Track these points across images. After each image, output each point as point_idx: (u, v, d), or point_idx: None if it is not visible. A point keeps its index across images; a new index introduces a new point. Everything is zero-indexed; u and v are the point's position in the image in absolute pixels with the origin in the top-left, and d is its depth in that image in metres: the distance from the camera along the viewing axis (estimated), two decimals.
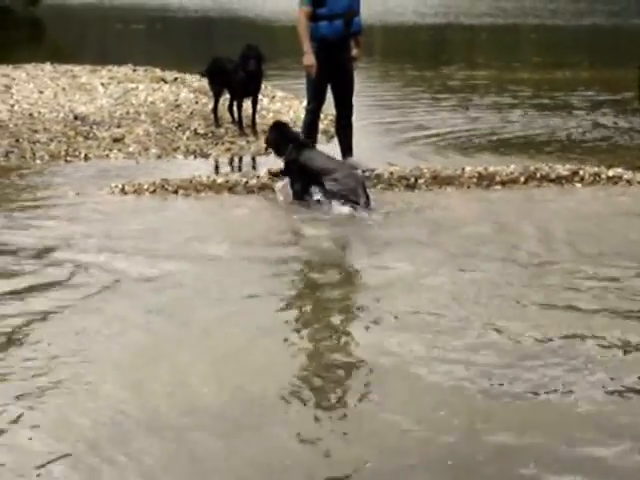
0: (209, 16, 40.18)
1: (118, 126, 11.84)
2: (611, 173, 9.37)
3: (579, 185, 9.18)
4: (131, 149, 10.86)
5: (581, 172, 9.39)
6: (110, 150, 10.75)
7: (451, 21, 39.65)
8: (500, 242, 7.19)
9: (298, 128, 9.94)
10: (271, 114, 12.83)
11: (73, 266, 6.44)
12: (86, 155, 10.50)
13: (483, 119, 13.83)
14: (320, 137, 10.27)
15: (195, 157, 10.70)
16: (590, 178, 9.30)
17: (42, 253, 6.78)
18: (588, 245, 7.08)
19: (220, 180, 9.03)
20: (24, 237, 7.16)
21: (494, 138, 12.32)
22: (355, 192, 8.08)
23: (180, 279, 6.26)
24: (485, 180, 9.17)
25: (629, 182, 9.24)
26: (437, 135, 12.31)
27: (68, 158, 10.38)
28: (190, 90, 14.26)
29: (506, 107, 15.12)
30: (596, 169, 9.46)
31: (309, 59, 9.12)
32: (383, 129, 12.72)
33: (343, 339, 5.28)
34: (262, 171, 9.34)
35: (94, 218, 7.84)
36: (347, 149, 9.73)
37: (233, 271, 6.50)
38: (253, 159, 10.75)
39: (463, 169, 9.35)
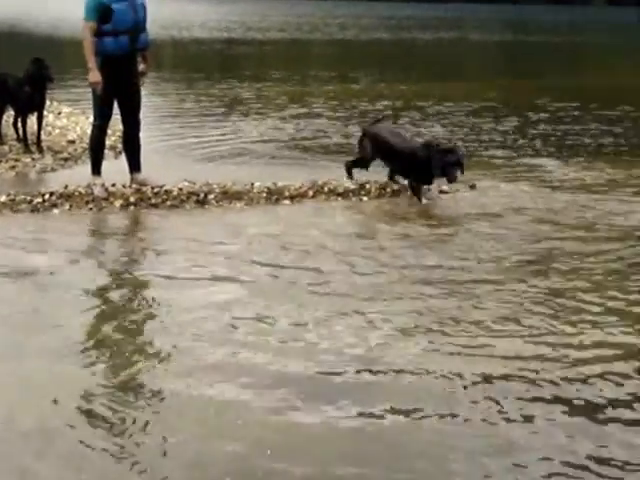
0: None
1: None
2: (396, 187, 9.65)
3: (365, 198, 9.39)
4: None
5: (367, 185, 9.61)
6: None
7: (241, 36, 39.89)
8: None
9: (85, 144, 9.74)
10: (57, 130, 12.55)
11: None
12: None
13: (280, 130, 14.03)
14: (108, 153, 10.15)
15: None
16: (376, 191, 9.53)
17: None
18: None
19: (3, 199, 8.77)
20: None
21: (291, 145, 12.70)
22: None
23: None
24: (274, 195, 9.27)
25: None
26: (229, 148, 12.35)
27: None
28: None
29: (304, 117, 15.44)
30: (381, 183, 9.72)
31: (94, 76, 8.96)
32: (174, 144, 12.64)
33: None
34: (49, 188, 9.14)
35: None
36: (135, 165, 9.61)
37: None
38: (39, 176, 10.45)
39: (252, 184, 9.43)
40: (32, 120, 11.52)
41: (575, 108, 17.07)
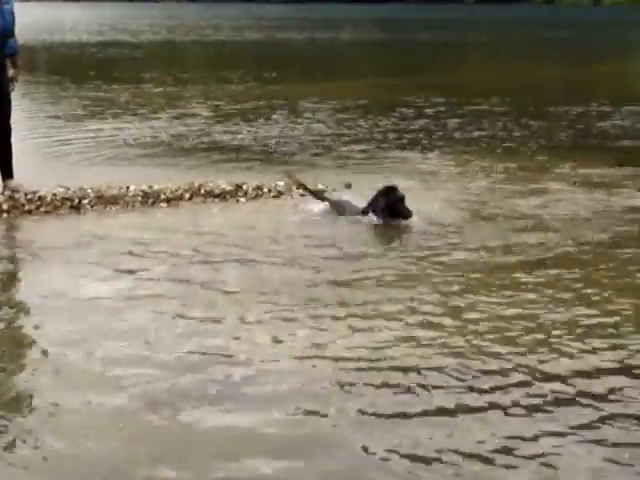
0: None
1: None
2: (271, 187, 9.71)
3: (243, 199, 9.42)
4: None
5: (244, 187, 9.64)
6: None
7: (113, 38, 39.49)
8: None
9: None
10: None
11: None
12: None
13: (157, 131, 14.01)
14: None
15: None
16: (253, 192, 9.56)
17: None
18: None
19: None
20: None
21: (167, 146, 12.73)
22: None
23: None
24: (151, 198, 9.22)
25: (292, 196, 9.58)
26: (104, 151, 12.25)
27: None
28: None
29: (180, 118, 15.45)
30: (258, 183, 9.75)
31: None
32: (47, 148, 12.44)
33: None
34: None
35: None
36: (7, 172, 9.44)
37: None
38: None
39: (128, 187, 9.34)
40: None
41: (445, 104, 17.46)
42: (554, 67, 27.75)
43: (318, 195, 9.14)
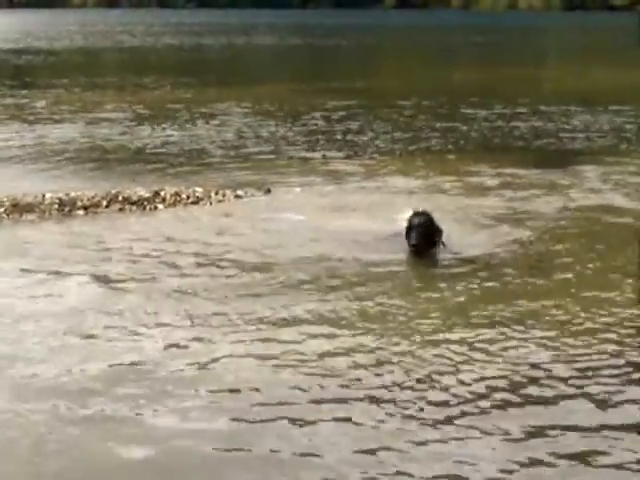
0: None
1: None
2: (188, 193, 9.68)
3: (161, 206, 9.35)
4: None
5: (162, 193, 9.57)
6: None
7: (27, 45, 38.96)
8: None
9: None
10: None
11: None
12: None
13: (72, 137, 13.88)
14: None
15: None
16: (171, 199, 9.50)
17: None
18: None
19: None
20: None
21: (84, 152, 12.61)
22: None
23: None
24: (67, 206, 9.11)
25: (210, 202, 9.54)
26: (19, 157, 12.11)
27: None
28: None
29: (96, 123, 15.39)
30: (176, 189, 9.70)
31: None
32: None
33: None
34: None
35: None
36: None
37: None
38: None
39: (44, 195, 9.22)
40: None
41: (358, 107, 17.67)
42: (468, 71, 28.08)
43: None
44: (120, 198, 9.38)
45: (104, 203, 9.26)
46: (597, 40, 50.08)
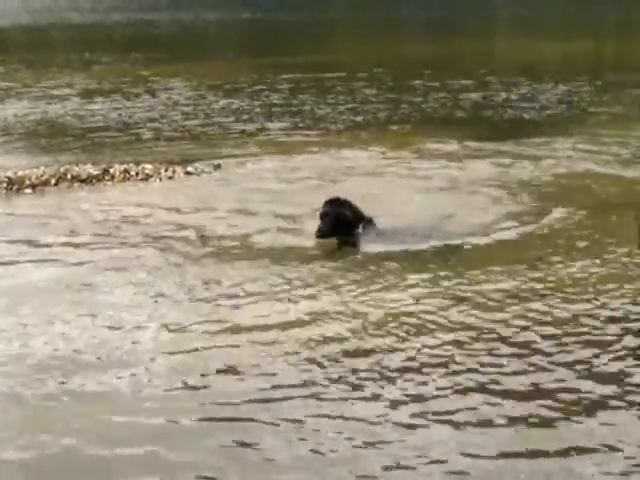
0: None
1: None
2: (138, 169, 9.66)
3: (110, 183, 9.32)
4: None
5: (111, 170, 9.55)
6: None
7: None
8: None
9: None
10: None
11: None
12: None
13: (21, 115, 13.80)
14: None
15: None
16: (121, 176, 9.48)
17: None
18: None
19: None
20: None
21: (33, 130, 12.46)
22: None
23: None
24: (15, 184, 9.08)
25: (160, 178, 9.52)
26: None
27: None
28: None
29: (46, 100, 15.20)
30: (125, 166, 9.68)
31: None
32: None
33: None
34: None
35: None
36: None
37: None
38: None
39: None
40: None
41: (309, 80, 17.60)
42: (423, 44, 28.05)
43: None
44: (69, 176, 9.36)
45: (53, 181, 9.24)
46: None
